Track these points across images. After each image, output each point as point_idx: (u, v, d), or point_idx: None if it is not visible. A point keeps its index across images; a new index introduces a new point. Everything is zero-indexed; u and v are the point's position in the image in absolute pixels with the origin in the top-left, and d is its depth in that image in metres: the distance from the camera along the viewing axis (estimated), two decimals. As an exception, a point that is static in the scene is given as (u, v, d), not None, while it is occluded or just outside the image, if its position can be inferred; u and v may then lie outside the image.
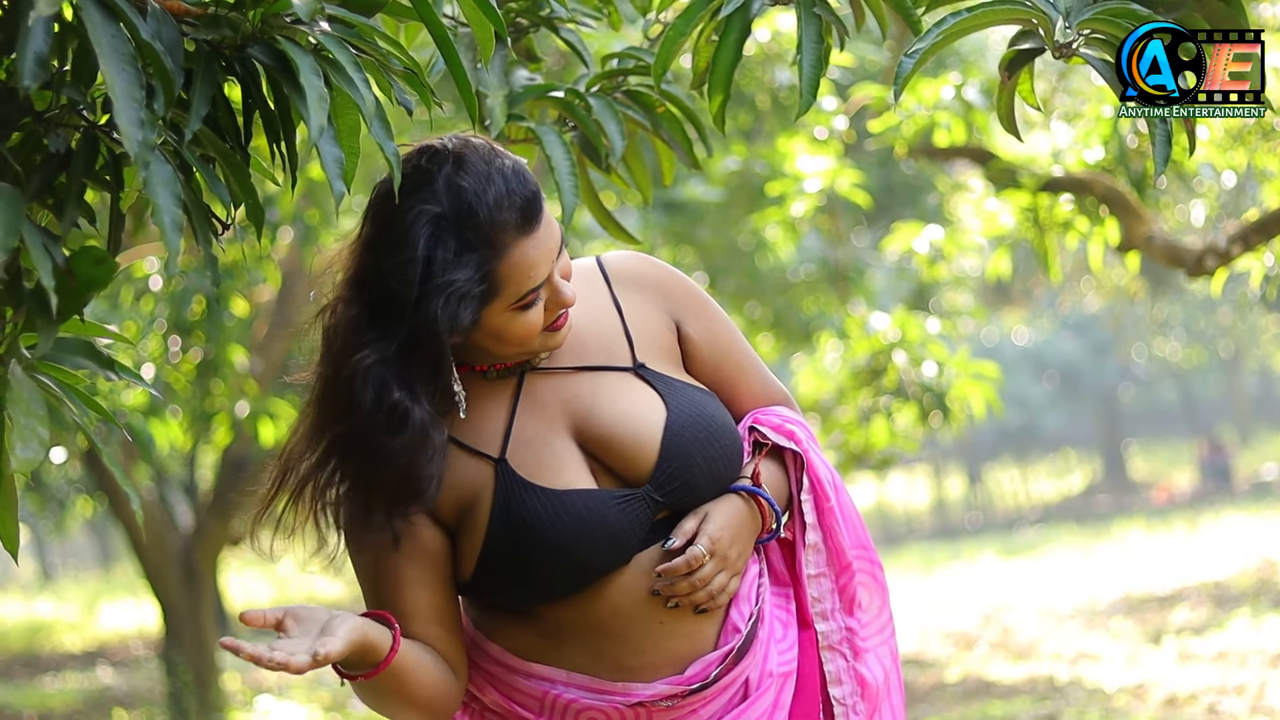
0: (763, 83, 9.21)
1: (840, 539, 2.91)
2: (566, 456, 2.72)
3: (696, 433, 2.76)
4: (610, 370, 2.81)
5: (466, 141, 2.63)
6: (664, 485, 2.72)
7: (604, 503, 2.68)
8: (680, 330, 2.91)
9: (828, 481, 2.92)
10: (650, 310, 2.89)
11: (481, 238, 2.56)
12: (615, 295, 2.88)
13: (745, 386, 2.99)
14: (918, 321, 8.62)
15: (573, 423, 2.76)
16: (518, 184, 2.60)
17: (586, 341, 2.82)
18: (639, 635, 2.71)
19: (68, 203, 2.13)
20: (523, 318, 2.64)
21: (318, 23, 2.21)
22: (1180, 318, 36.62)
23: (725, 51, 2.99)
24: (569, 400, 2.77)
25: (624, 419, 2.75)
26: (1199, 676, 10.64)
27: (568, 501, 2.66)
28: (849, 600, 2.91)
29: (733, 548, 2.75)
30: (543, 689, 2.73)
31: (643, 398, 2.78)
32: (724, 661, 2.75)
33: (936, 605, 17.67)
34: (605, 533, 2.66)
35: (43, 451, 2.04)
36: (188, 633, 12.74)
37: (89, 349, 2.24)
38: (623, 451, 2.73)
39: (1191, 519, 25.29)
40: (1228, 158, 7.24)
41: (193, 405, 10.02)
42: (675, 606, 2.72)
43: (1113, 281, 15.52)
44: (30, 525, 32.32)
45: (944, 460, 44.24)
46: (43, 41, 1.92)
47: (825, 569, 2.92)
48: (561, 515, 2.65)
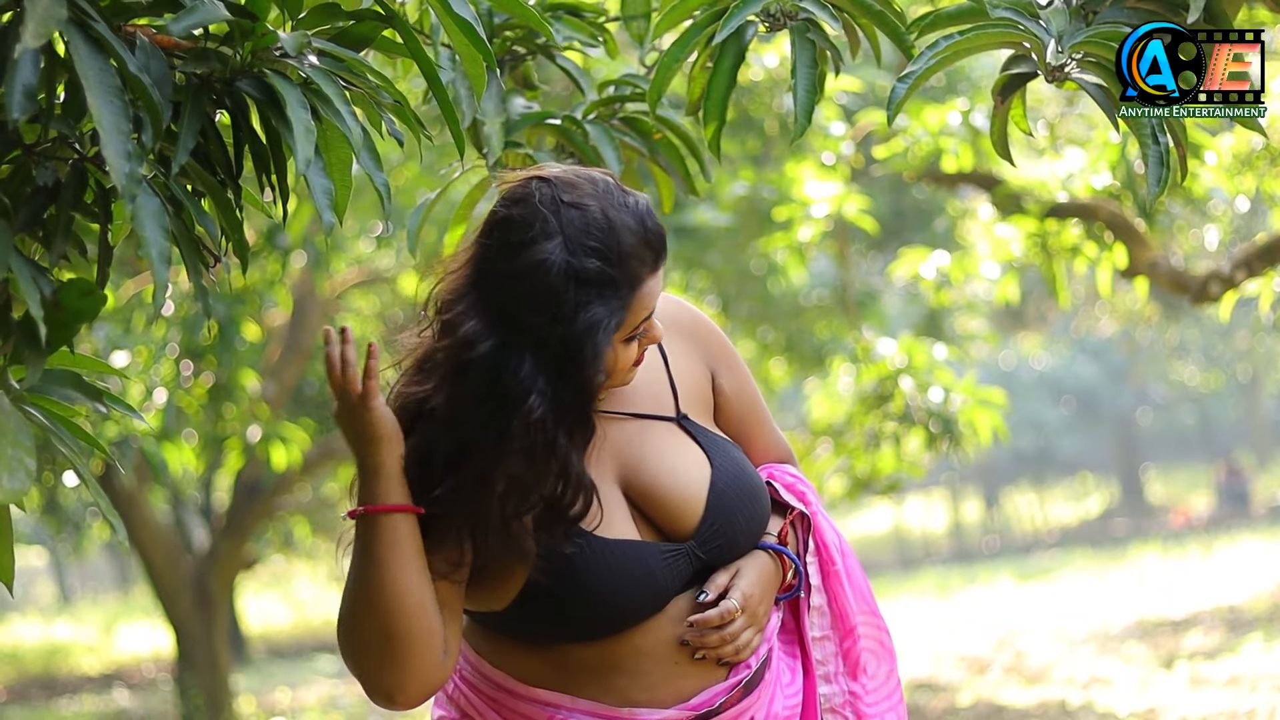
0: (770, 108, 9.23)
1: (845, 603, 2.93)
2: (614, 502, 2.72)
3: (739, 491, 2.78)
4: (656, 420, 2.82)
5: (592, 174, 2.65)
6: (707, 542, 2.74)
7: (652, 557, 2.69)
8: (715, 381, 2.94)
9: (834, 545, 2.93)
10: (691, 359, 2.91)
11: (625, 274, 2.57)
12: (661, 343, 2.88)
13: (761, 440, 3.00)
14: (924, 347, 8.61)
15: (621, 471, 2.75)
16: (652, 222, 2.62)
17: (636, 387, 2.82)
18: (654, 674, 2.71)
19: (56, 235, 2.15)
20: (627, 351, 2.66)
21: (306, 57, 2.23)
22: (1198, 342, 36.53)
23: (720, 78, 3.01)
24: (620, 448, 2.77)
25: (672, 474, 2.76)
26: (1210, 701, 10.60)
27: (618, 552, 2.66)
28: (853, 665, 2.92)
29: (761, 604, 2.78)
30: (547, 713, 2.72)
31: (689, 453, 2.79)
32: (730, 692, 2.76)
33: (951, 629, 17.63)
34: (650, 586, 2.67)
35: (28, 483, 2.05)
36: (201, 655, 12.76)
37: (77, 381, 2.25)
38: (669, 507, 2.74)
39: (1207, 543, 25.19)
40: (1236, 183, 7.23)
41: (205, 429, 10.05)
42: (702, 658, 2.72)
43: (1126, 306, 15.51)
44: (48, 548, 32.40)
45: (961, 484, 44.11)
46: (30, 74, 1.94)
47: (829, 632, 2.93)
48: (611, 567, 2.64)
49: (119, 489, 11.63)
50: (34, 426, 2.14)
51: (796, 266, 10.12)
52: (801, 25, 2.92)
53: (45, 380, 2.23)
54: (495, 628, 2.78)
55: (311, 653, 23.47)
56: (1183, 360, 38.12)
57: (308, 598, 30.94)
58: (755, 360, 14.69)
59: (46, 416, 2.21)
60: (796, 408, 30.68)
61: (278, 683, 19.36)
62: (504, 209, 2.60)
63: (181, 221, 2.24)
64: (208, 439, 10.19)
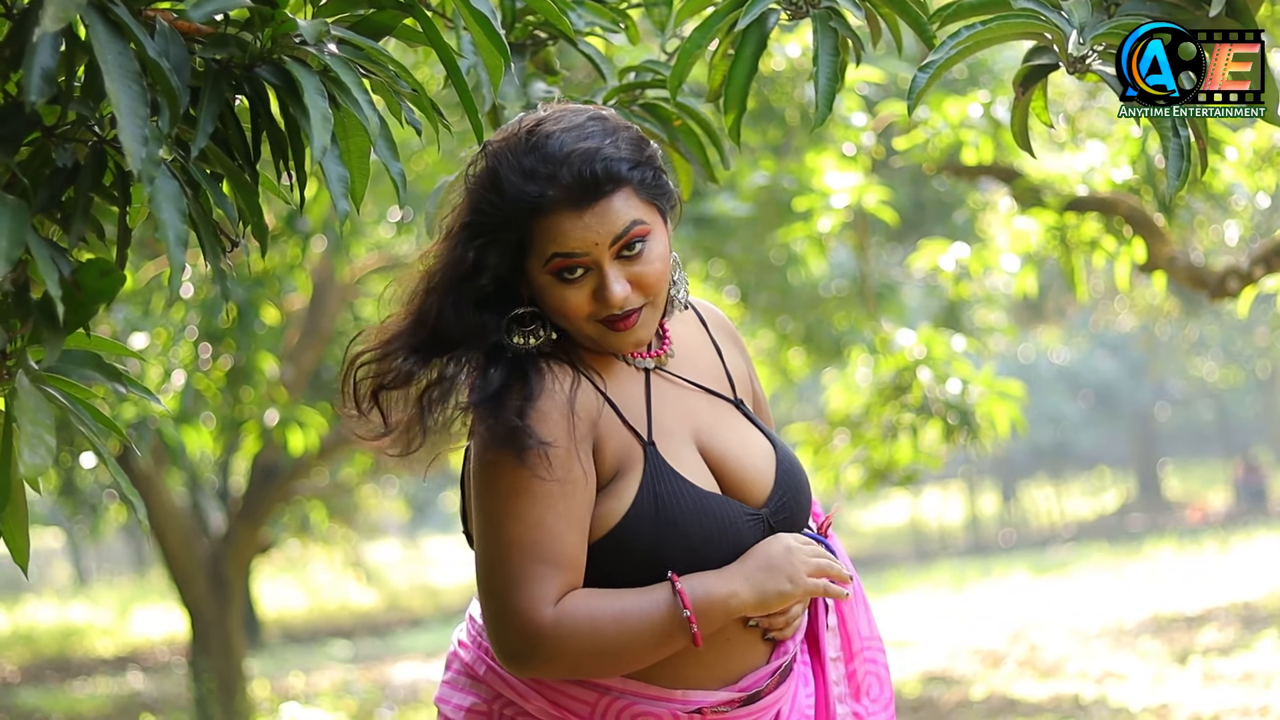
0: (791, 97, 9.21)
1: (854, 625, 3.02)
2: (697, 461, 2.80)
3: (796, 473, 2.88)
4: (720, 398, 2.91)
5: (601, 108, 2.78)
6: (778, 514, 2.81)
7: (740, 515, 2.76)
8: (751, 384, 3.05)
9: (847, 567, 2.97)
10: (737, 358, 3.02)
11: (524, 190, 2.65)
12: (712, 337, 2.99)
13: None
14: (943, 339, 8.60)
15: (696, 434, 2.83)
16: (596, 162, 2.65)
17: (700, 366, 2.92)
18: (707, 647, 2.72)
19: (75, 217, 2.15)
20: (560, 290, 2.69)
21: (325, 44, 2.23)
22: (1217, 337, 36.44)
23: (741, 66, 3.01)
24: (693, 413, 2.85)
25: (745, 444, 2.85)
26: (1223, 698, 10.59)
27: (712, 503, 2.73)
28: (855, 687, 3.01)
29: None
30: (595, 695, 2.74)
31: (753, 431, 2.89)
32: (772, 676, 2.82)
33: (965, 622, 17.62)
34: (735, 541, 2.73)
35: (49, 459, 2.06)
36: (215, 639, 12.78)
37: (96, 361, 2.26)
38: (744, 475, 2.82)
39: (1223, 539, 25.16)
40: (1257, 178, 7.22)
41: (223, 413, 10.06)
42: (754, 626, 2.78)
43: (1145, 301, 15.48)
44: (65, 529, 32.50)
45: (978, 477, 44.06)
46: (49, 57, 1.94)
47: (839, 654, 3.01)
48: (707, 514, 2.72)
49: (136, 471, 11.65)
50: (53, 406, 2.14)
51: (816, 257, 10.11)
52: (824, 14, 2.92)
53: (64, 361, 2.24)
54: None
55: (326, 638, 23.54)
56: (1201, 356, 38.01)
57: (323, 583, 31.01)
58: (774, 350, 14.70)
59: (65, 397, 2.22)
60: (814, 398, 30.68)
61: (292, 667, 19.41)
62: None
63: (200, 205, 2.24)
64: (225, 422, 10.20)
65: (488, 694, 2.84)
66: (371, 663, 19.75)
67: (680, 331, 2.93)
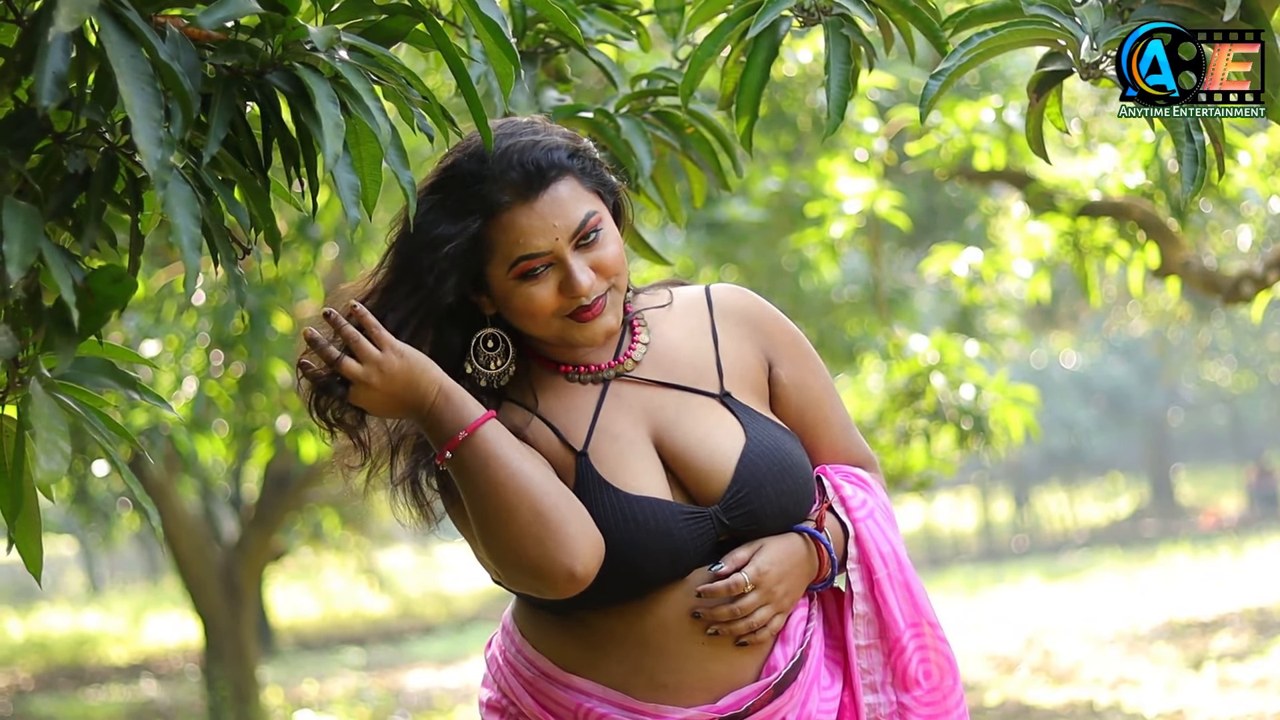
0: (803, 104, 9.21)
1: (893, 613, 2.90)
2: (647, 460, 2.79)
3: (770, 465, 2.80)
4: (696, 393, 2.86)
5: (534, 118, 2.82)
6: (732, 509, 2.76)
7: (673, 515, 2.73)
8: (772, 371, 2.95)
9: (887, 555, 2.91)
10: (746, 345, 2.93)
11: (475, 197, 2.69)
12: (715, 325, 2.93)
13: (828, 439, 2.99)
14: (956, 344, 8.59)
15: (654, 430, 2.82)
16: (534, 152, 2.70)
17: (678, 360, 2.88)
18: (680, 653, 2.73)
19: (87, 223, 2.14)
20: (525, 290, 2.71)
21: (336, 51, 2.23)
22: (1230, 343, 36.39)
23: (753, 72, 3.01)
24: (654, 410, 2.84)
25: (703, 439, 2.81)
26: (1238, 703, 10.58)
27: (638, 507, 2.71)
28: (902, 675, 2.90)
29: (780, 584, 2.77)
30: (577, 701, 2.77)
31: (725, 424, 2.83)
32: (759, 694, 2.77)
33: (979, 628, 17.60)
34: (668, 544, 2.71)
35: (65, 464, 2.06)
36: (229, 646, 12.80)
37: (109, 368, 2.26)
38: (697, 469, 2.78)
39: (1236, 545, 25.13)
40: (1270, 183, 7.20)
41: (235, 420, 10.06)
42: (715, 633, 2.74)
43: (1158, 306, 15.46)
44: (78, 538, 32.52)
45: (991, 483, 43.94)
46: (61, 61, 1.94)
47: (876, 640, 2.91)
48: (630, 519, 2.70)
49: (149, 479, 11.66)
50: (66, 413, 2.14)
51: (828, 263, 10.11)
52: (835, 20, 2.91)
53: (76, 368, 2.24)
54: (537, 602, 2.83)
55: (339, 645, 23.54)
56: (1214, 361, 37.96)
57: (336, 590, 31.00)
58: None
59: (77, 404, 2.22)
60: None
61: (305, 675, 19.42)
62: None
63: (212, 211, 2.24)
64: (237, 429, 10.21)
65: (499, 693, 2.92)
66: (385, 670, 19.77)
67: (664, 328, 2.91)
